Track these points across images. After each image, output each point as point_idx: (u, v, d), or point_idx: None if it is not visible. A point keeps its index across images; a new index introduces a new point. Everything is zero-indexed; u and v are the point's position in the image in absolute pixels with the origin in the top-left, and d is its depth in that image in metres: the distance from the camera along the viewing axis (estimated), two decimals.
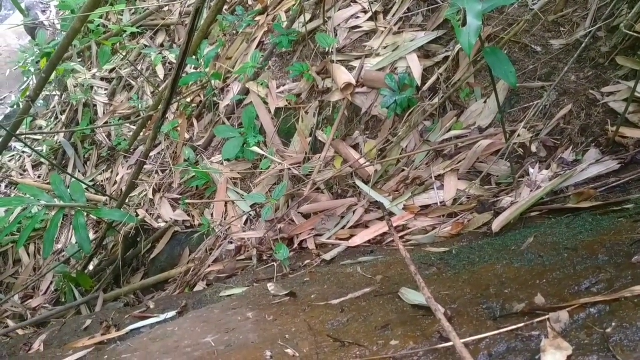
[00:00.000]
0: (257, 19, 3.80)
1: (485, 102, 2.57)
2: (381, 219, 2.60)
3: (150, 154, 4.04)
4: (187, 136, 3.84)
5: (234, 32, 3.97)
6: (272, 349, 1.45)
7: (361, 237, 2.51)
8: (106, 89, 4.72)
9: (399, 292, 1.61)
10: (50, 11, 6.53)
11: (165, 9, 4.83)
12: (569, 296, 1.25)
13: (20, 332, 3.27)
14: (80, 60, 5.14)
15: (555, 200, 2.05)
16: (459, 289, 1.55)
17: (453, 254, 1.93)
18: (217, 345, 1.58)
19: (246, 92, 3.44)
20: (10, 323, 3.65)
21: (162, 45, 4.66)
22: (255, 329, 1.66)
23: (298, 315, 1.69)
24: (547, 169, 2.23)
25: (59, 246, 4.22)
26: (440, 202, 2.48)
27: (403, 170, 2.72)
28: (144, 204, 3.74)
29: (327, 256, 2.39)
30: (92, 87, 4.73)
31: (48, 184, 4.42)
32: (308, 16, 3.27)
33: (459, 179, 2.51)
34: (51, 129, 5.02)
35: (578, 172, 2.11)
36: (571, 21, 2.46)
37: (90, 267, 3.73)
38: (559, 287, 1.32)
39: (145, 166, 3.94)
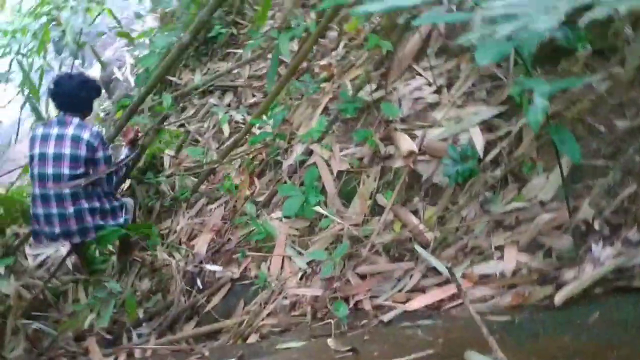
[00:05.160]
0: (322, 85, 4.01)
1: (547, 176, 2.62)
2: (439, 285, 2.63)
3: (211, 207, 4.21)
4: (247, 192, 4.00)
5: (299, 96, 4.19)
6: None
7: (419, 302, 2.54)
8: (174, 143, 4.98)
9: (464, 356, 1.64)
10: (126, 68, 6.98)
11: (235, 71, 5.13)
12: None
13: None
14: (149, 114, 5.45)
15: (620, 277, 2.05)
16: (525, 357, 1.58)
17: (515, 324, 1.95)
18: None
19: (309, 153, 3.59)
20: None
21: (229, 105, 4.92)
22: None
23: None
24: (611, 246, 2.24)
25: None
26: (500, 273, 2.50)
27: (462, 238, 2.77)
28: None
29: (385, 317, 2.42)
30: (160, 141, 5.00)
31: None
32: (373, 86, 3.44)
33: (519, 251, 2.53)
34: None
35: None
36: (636, 104, 2.52)
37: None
38: None
39: (205, 219, 4.11)
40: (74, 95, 3.60)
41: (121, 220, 3.79)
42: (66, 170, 3.46)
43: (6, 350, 4.04)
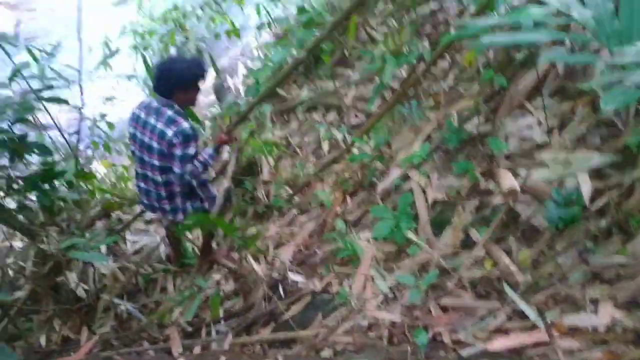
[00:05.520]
0: (427, 113, 4.02)
1: None
2: (523, 329, 2.54)
3: (302, 219, 4.31)
4: (339, 209, 4.06)
5: (402, 121, 4.22)
6: None
7: (500, 343, 2.46)
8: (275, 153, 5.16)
9: None
10: (237, 77, 7.32)
11: (341, 91, 5.25)
12: None
13: (151, 352, 3.56)
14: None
15: None
16: None
17: None
18: None
19: (406, 178, 3.60)
20: (146, 344, 3.96)
21: (331, 123, 5.03)
22: None
23: None
24: None
25: None
26: (592, 327, 2.38)
27: (554, 285, 2.66)
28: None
29: (464, 352, 2.38)
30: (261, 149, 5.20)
31: None
32: (481, 119, 3.41)
33: (615, 307, 2.40)
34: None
35: None
36: None
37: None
38: None
39: (295, 229, 4.21)
40: (162, 79, 3.50)
41: (205, 205, 4.08)
42: (156, 162, 3.68)
43: (95, 325, 4.33)
